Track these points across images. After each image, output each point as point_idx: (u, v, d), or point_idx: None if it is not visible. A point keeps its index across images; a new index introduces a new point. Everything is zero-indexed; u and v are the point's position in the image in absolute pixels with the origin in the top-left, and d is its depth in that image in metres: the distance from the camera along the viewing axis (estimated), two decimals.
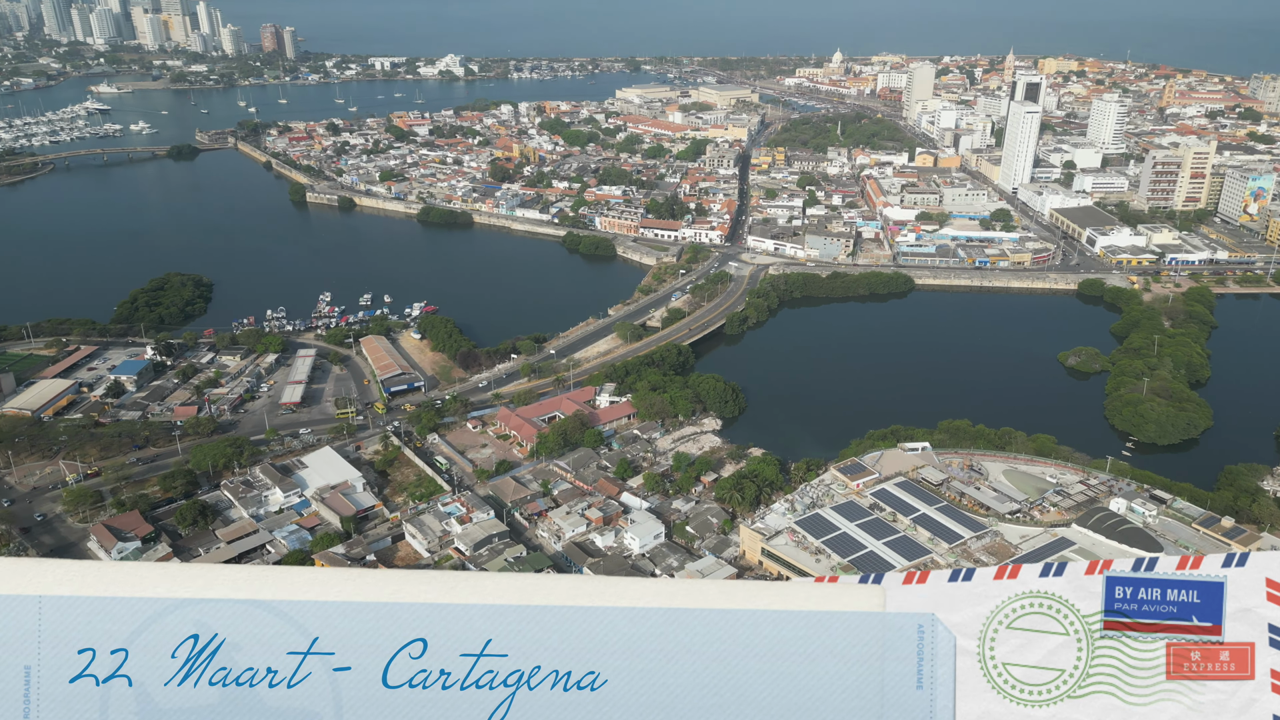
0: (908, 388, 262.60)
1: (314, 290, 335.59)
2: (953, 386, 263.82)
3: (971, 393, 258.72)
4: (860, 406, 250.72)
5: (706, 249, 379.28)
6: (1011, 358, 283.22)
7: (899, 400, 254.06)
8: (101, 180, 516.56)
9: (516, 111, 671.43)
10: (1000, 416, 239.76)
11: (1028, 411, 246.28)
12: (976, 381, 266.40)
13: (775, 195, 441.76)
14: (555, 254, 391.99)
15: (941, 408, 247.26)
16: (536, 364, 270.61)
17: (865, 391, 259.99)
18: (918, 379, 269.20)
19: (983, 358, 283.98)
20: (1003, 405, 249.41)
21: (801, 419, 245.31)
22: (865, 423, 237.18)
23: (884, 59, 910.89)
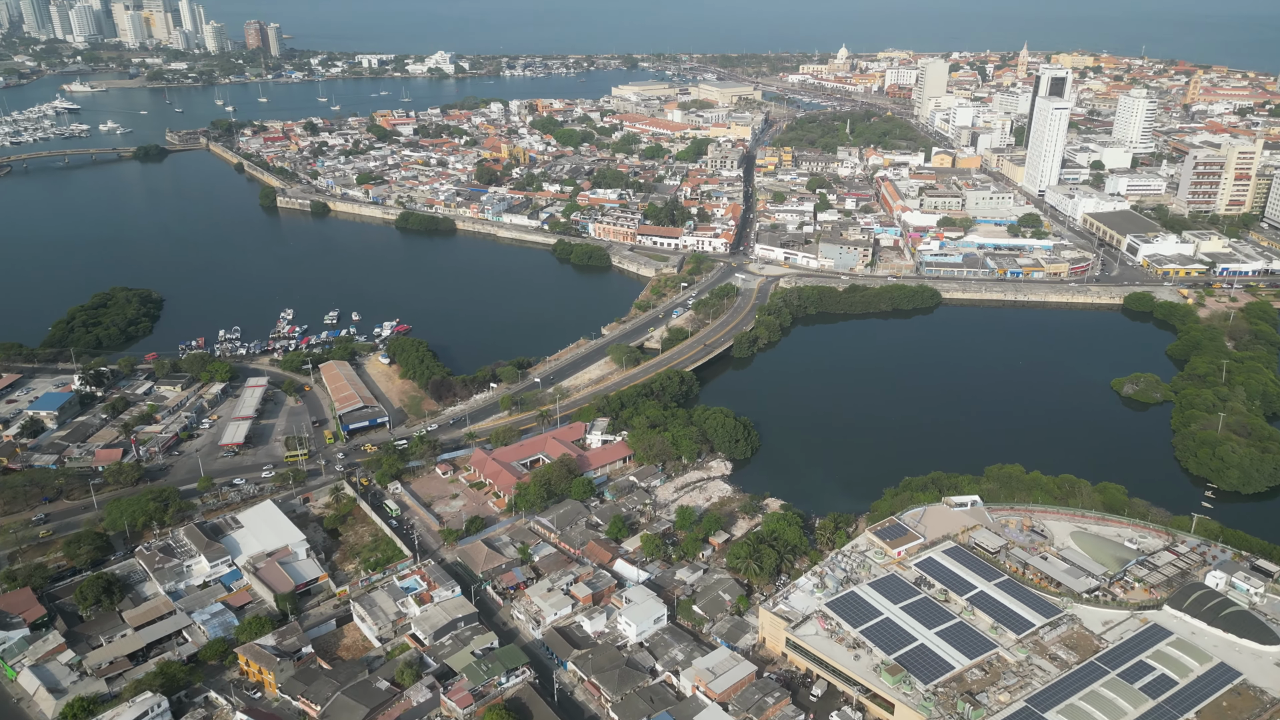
0: (944, 421, 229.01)
1: (275, 306, 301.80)
2: (995, 419, 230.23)
3: (1018, 428, 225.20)
4: (891, 445, 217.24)
5: (710, 258, 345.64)
6: (1058, 384, 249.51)
7: (935, 437, 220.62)
8: (60, 184, 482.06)
9: (507, 110, 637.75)
10: (1055, 459, 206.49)
11: (1085, 452, 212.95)
12: (1021, 414, 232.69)
13: (783, 199, 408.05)
14: (544, 264, 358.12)
15: (985, 447, 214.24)
16: (519, 395, 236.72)
17: (895, 427, 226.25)
18: (954, 409, 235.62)
19: (1025, 385, 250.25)
20: (1056, 444, 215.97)
21: (824, 460, 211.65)
22: (899, 466, 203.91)
23: (890, 55, 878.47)
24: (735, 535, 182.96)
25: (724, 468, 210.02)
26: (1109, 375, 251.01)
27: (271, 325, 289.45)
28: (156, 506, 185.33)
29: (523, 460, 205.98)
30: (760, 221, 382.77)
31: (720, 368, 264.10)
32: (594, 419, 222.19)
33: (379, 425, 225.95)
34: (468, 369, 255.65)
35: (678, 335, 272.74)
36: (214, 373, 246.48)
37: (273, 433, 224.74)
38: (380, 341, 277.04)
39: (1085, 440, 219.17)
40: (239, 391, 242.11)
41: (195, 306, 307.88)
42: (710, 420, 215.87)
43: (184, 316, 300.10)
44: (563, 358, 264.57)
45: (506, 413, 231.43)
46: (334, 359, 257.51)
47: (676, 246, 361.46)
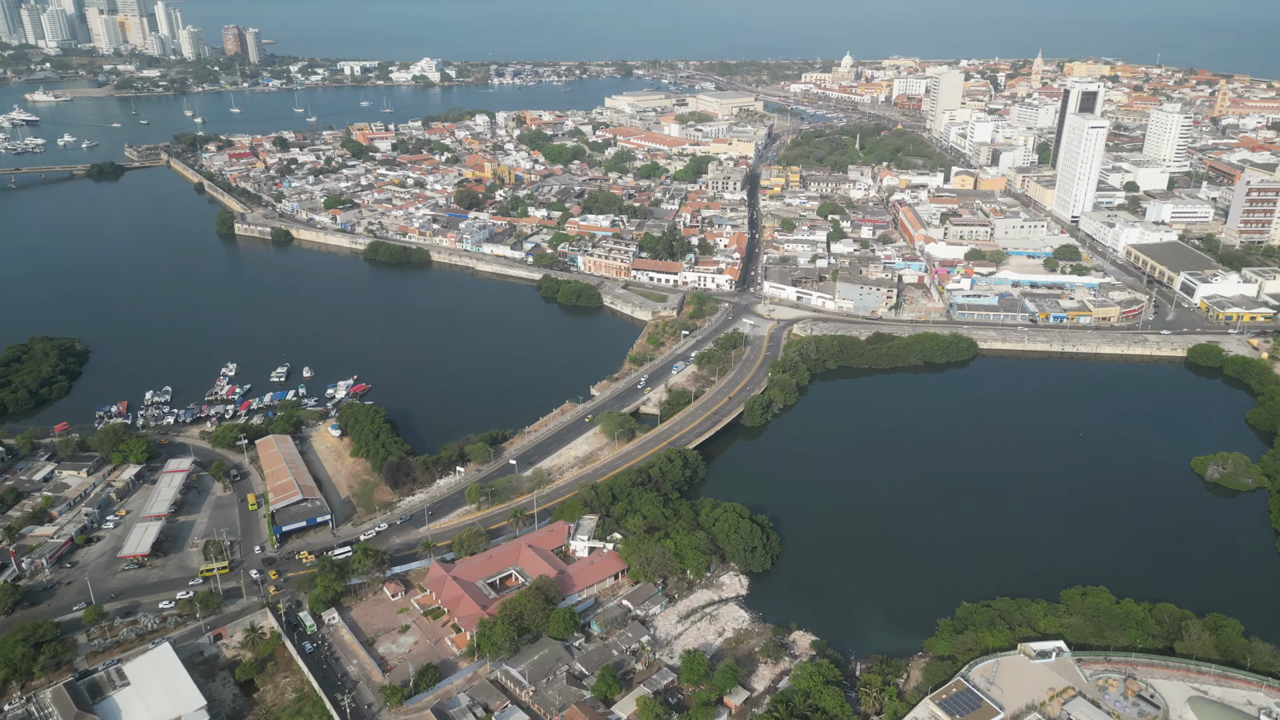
0: (998, 516, 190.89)
1: (217, 360, 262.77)
2: (1060, 513, 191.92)
3: (1090, 525, 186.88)
4: (939, 548, 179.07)
5: (714, 298, 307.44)
6: (1127, 464, 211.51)
7: (990, 536, 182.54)
8: (2, 207, 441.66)
9: (493, 123, 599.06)
10: (1142, 572, 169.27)
11: (1176, 562, 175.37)
12: (1090, 505, 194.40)
13: (793, 227, 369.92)
14: (527, 303, 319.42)
15: (1054, 552, 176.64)
16: (490, 484, 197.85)
17: (941, 524, 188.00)
18: (1009, 496, 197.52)
19: (1089, 463, 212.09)
20: (1139, 551, 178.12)
21: (858, 571, 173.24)
22: (951, 580, 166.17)
23: (896, 62, 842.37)
24: (757, 690, 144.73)
25: (739, 585, 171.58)
26: (1185, 450, 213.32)
27: (209, 384, 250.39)
28: (25, 652, 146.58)
29: (491, 578, 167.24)
30: (768, 253, 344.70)
31: (729, 438, 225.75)
32: (579, 516, 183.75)
33: (320, 524, 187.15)
34: (431, 443, 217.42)
35: (679, 398, 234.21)
36: (129, 452, 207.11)
37: (191, 533, 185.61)
38: (332, 407, 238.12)
39: (1172, 545, 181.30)
40: (157, 476, 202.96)
41: (125, 359, 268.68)
42: (721, 522, 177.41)
43: (110, 372, 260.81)
44: (545, 427, 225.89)
45: (474, 506, 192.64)
46: (275, 432, 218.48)
47: (675, 283, 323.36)
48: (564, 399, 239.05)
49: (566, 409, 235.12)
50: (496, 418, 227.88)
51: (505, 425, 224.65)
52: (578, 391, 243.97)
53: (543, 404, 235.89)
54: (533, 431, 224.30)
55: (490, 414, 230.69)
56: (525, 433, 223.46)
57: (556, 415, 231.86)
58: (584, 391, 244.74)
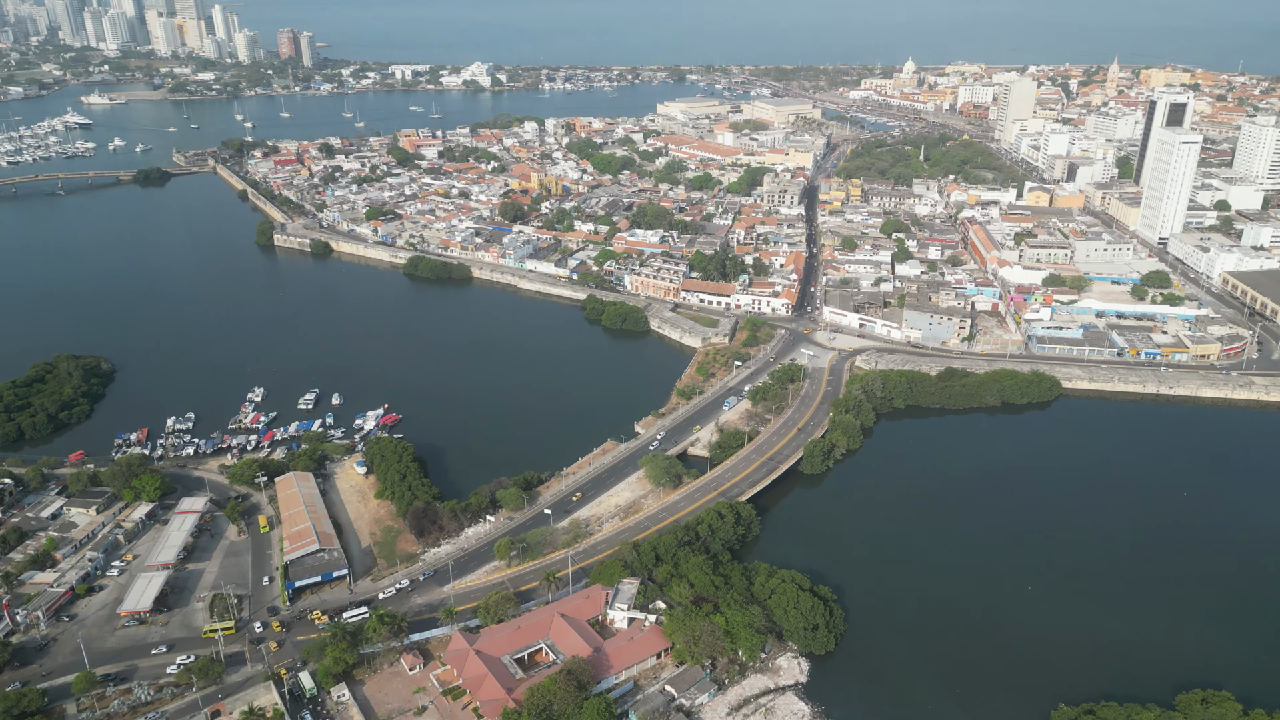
0: (1095, 592, 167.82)
1: (244, 383, 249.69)
2: (1167, 593, 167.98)
3: (1202, 610, 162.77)
4: (1030, 636, 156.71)
5: (769, 324, 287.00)
6: (1240, 534, 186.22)
7: (1088, 616, 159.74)
8: (46, 212, 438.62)
9: (542, 130, 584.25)
10: (1269, 670, 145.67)
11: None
12: (1202, 586, 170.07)
13: (855, 246, 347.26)
14: (570, 325, 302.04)
15: (1162, 637, 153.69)
16: (521, 536, 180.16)
17: (1031, 602, 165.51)
18: (1104, 569, 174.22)
19: (1195, 532, 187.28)
20: (1262, 644, 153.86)
21: (936, 659, 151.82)
22: (1046, 680, 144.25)
23: (960, 68, 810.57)
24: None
25: (798, 670, 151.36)
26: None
27: (234, 410, 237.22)
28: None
29: (518, 652, 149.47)
30: (828, 274, 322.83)
31: (786, 485, 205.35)
32: (619, 580, 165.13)
33: (336, 579, 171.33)
34: (462, 484, 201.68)
35: (731, 440, 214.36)
36: (141, 489, 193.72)
37: (199, 585, 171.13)
38: (359, 440, 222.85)
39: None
40: (169, 517, 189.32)
41: (151, 380, 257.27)
42: (779, 595, 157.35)
43: (134, 394, 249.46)
44: (584, 468, 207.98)
45: (504, 563, 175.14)
46: (297, 469, 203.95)
47: (728, 306, 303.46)
48: (606, 436, 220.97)
49: (608, 448, 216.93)
50: (532, 456, 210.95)
51: (542, 465, 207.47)
52: (621, 427, 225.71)
53: (583, 441, 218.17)
54: (571, 474, 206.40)
55: (526, 451, 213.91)
56: (563, 475, 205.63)
57: (597, 455, 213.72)
58: (627, 428, 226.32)
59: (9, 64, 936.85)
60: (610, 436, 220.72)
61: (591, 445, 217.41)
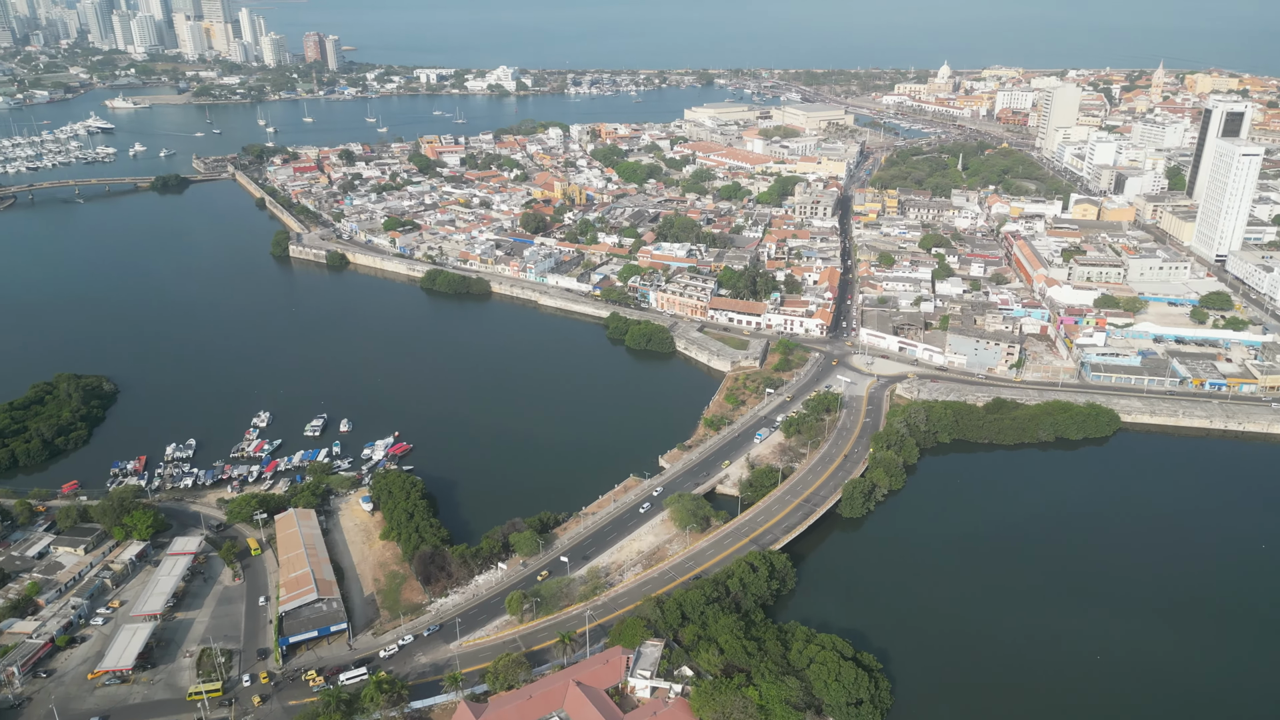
0: (1169, 660, 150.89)
1: (250, 406, 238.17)
2: (1256, 674, 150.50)
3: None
4: (1097, 708, 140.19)
5: (802, 346, 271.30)
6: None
7: (1169, 701, 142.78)
8: (61, 220, 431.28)
9: (566, 136, 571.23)
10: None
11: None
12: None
13: (892, 261, 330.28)
14: (592, 345, 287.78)
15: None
16: (534, 590, 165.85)
17: (1100, 671, 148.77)
18: (1180, 638, 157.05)
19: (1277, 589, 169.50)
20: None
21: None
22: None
23: (997, 72, 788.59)
24: None
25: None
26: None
27: (238, 436, 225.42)
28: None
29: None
30: (864, 292, 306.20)
31: (824, 529, 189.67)
32: (641, 641, 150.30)
33: (335, 634, 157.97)
34: (474, 523, 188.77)
35: (763, 479, 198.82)
36: (133, 527, 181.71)
37: (187, 637, 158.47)
38: (367, 471, 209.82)
39: None
40: (160, 558, 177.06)
41: (153, 402, 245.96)
42: (818, 666, 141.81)
43: (135, 417, 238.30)
44: (604, 508, 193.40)
45: (516, 618, 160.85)
46: (299, 505, 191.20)
47: (758, 326, 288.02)
48: (628, 471, 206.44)
49: (630, 485, 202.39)
50: (549, 492, 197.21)
51: (559, 503, 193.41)
52: (644, 461, 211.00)
53: (603, 476, 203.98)
54: (590, 514, 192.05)
55: (543, 486, 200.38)
56: (581, 515, 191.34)
57: (619, 493, 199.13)
58: (651, 462, 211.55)
59: (38, 67, 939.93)
60: (633, 472, 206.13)
61: (612, 481, 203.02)
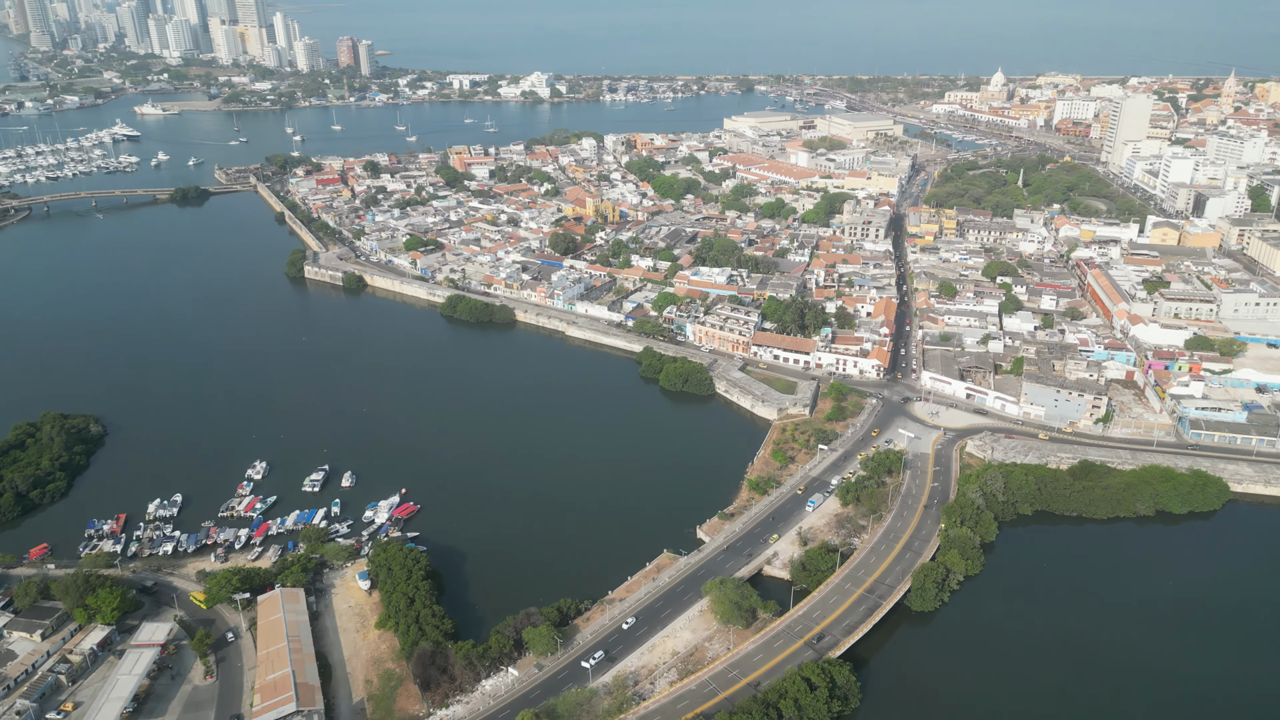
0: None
1: (246, 454, 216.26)
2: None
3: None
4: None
5: (857, 391, 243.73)
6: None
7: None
8: (74, 234, 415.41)
9: (600, 147, 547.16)
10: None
11: None
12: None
13: (954, 292, 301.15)
14: (623, 384, 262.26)
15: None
16: (549, 706, 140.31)
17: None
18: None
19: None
20: None
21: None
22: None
23: (1053, 79, 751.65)
24: None
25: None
26: None
27: (229, 490, 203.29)
28: None
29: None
30: (924, 328, 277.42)
31: (890, 623, 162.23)
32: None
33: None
34: (482, 607, 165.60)
35: (818, 560, 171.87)
36: (97, 609, 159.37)
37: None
38: (366, 538, 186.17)
39: None
40: (125, 647, 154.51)
41: (141, 446, 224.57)
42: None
43: (120, 465, 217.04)
44: (632, 596, 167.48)
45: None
46: (287, 582, 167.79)
47: (807, 365, 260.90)
48: (660, 544, 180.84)
49: (664, 564, 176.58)
50: (570, 569, 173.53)
51: (580, 586, 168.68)
52: (679, 532, 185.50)
53: (633, 550, 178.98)
54: (617, 599, 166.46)
55: (563, 561, 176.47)
56: (606, 602, 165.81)
57: (650, 573, 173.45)
58: (688, 534, 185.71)
59: (72, 71, 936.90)
60: (667, 547, 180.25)
61: (643, 557, 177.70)
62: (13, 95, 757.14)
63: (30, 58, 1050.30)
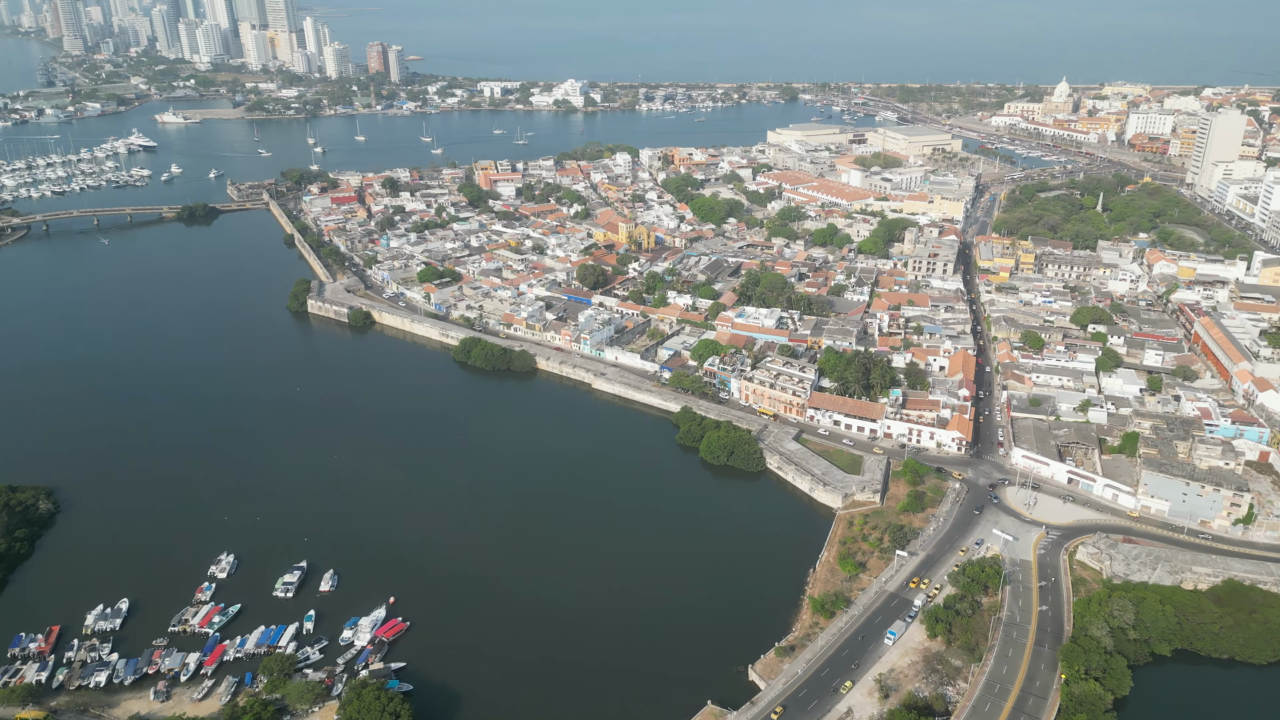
0: None
1: (213, 541, 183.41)
2: None
3: None
4: None
5: (936, 471, 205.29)
6: None
7: None
8: (67, 257, 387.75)
9: (635, 163, 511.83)
10: None
11: None
12: None
13: (1041, 343, 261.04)
14: (658, 452, 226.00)
15: None
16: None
17: None
18: None
19: None
20: None
21: None
22: None
23: (1120, 89, 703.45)
24: None
25: None
26: None
27: (187, 594, 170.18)
28: None
29: None
30: (1010, 388, 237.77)
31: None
32: None
33: None
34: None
35: (907, 715, 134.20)
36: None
37: None
38: (341, 668, 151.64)
39: None
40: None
41: (96, 528, 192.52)
42: None
43: (65, 556, 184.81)
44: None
45: None
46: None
47: (874, 435, 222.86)
48: (702, 691, 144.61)
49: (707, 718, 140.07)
50: (588, 712, 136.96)
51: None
52: (726, 670, 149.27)
53: (667, 698, 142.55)
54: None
55: (579, 710, 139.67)
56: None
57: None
58: (738, 673, 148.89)
59: (99, 76, 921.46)
60: (710, 697, 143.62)
61: (679, 711, 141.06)
62: (34, 102, 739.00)
63: (60, 62, 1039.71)
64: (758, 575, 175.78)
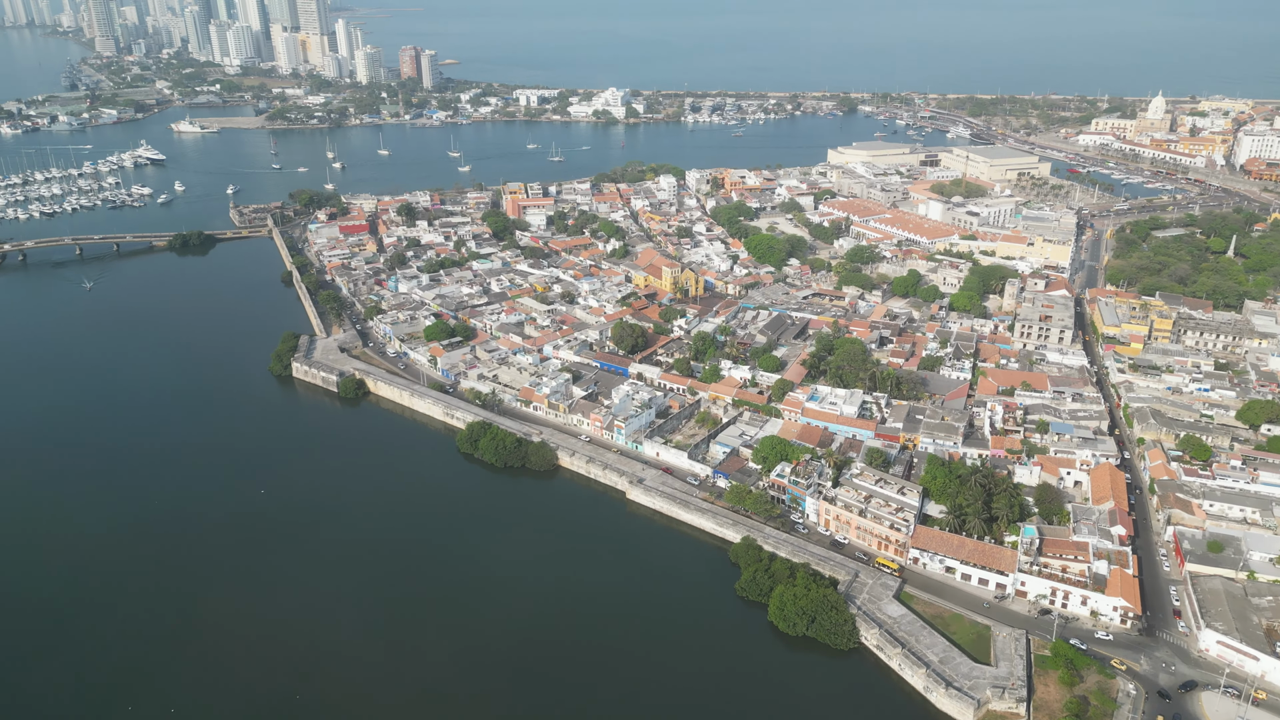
0: None
1: None
2: None
3: None
4: None
5: (1097, 660, 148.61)
6: None
7: None
8: (34, 296, 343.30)
9: (681, 186, 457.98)
10: None
11: None
12: None
13: (1207, 453, 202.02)
14: (712, 607, 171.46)
15: None
16: None
17: None
18: None
19: None
20: None
21: None
22: None
23: (1220, 105, 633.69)
24: None
25: None
26: None
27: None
28: None
29: None
30: (1174, 519, 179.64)
31: None
32: None
33: None
34: None
35: None
36: None
37: None
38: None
39: None
40: None
41: (18, 690, 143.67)
42: None
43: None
44: None
45: None
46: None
47: (1006, 592, 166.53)
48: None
49: None
50: None
51: None
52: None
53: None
54: None
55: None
56: None
57: None
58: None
59: (125, 80, 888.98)
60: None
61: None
62: (51, 107, 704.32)
63: (90, 64, 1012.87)
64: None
